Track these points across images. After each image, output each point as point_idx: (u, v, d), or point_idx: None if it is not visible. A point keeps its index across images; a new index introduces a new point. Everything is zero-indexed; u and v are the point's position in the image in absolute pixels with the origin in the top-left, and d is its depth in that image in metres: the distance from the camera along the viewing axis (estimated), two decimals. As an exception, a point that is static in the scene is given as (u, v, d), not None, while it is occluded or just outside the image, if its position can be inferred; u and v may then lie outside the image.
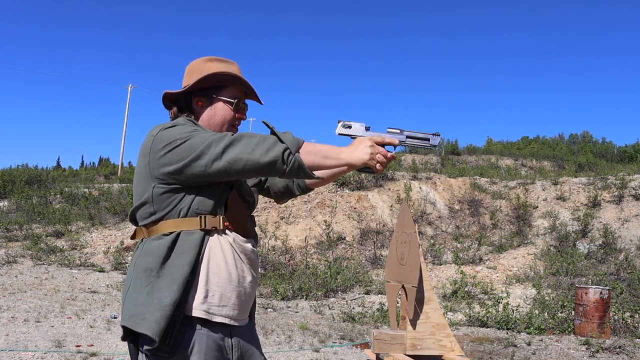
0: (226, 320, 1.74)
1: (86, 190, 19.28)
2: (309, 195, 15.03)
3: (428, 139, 1.78)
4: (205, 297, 1.70)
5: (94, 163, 63.32)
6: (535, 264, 11.77)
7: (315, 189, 2.00)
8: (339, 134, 1.80)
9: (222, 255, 1.74)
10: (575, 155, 28.98)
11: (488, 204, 15.72)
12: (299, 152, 1.63)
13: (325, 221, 13.39)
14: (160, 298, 1.65)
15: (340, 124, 1.79)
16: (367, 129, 1.79)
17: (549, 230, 13.78)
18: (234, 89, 1.88)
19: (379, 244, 13.32)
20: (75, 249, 13.60)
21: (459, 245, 13.27)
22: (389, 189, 16.09)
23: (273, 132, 1.66)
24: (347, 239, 13.53)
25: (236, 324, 1.78)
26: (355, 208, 14.79)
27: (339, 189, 15.91)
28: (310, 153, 1.65)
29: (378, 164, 1.72)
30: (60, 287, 9.45)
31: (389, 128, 1.79)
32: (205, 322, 1.71)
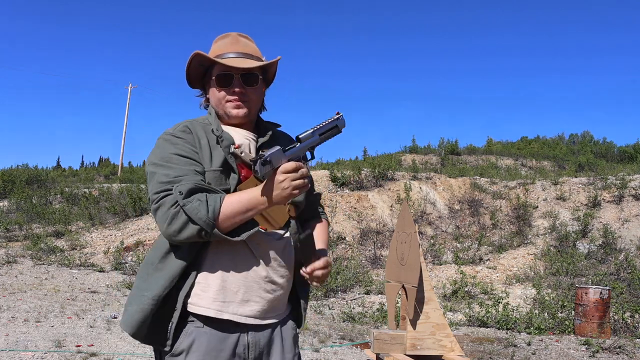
0: (234, 318, 1.64)
1: (86, 190, 19.29)
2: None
3: (336, 125, 1.68)
4: (206, 292, 1.62)
5: (93, 163, 63.29)
6: (535, 264, 11.77)
7: (316, 189, 1.91)
8: (263, 177, 1.56)
9: (229, 249, 1.63)
10: (575, 155, 28.94)
11: (488, 204, 15.71)
12: (217, 226, 1.53)
13: (325, 221, 13.39)
14: (144, 290, 1.61)
15: (259, 163, 1.54)
16: (285, 150, 1.58)
17: (549, 230, 13.77)
18: (218, 65, 1.73)
19: (379, 244, 13.32)
20: (75, 249, 13.60)
21: (459, 245, 13.26)
22: (389, 189, 16.09)
23: (184, 212, 1.52)
24: (347, 239, 13.52)
25: (250, 322, 1.66)
26: (355, 208, 14.79)
27: (339, 189, 15.91)
28: (229, 218, 1.54)
29: (296, 190, 1.54)
30: (60, 287, 9.45)
31: (299, 135, 1.63)
32: (208, 320, 1.63)
